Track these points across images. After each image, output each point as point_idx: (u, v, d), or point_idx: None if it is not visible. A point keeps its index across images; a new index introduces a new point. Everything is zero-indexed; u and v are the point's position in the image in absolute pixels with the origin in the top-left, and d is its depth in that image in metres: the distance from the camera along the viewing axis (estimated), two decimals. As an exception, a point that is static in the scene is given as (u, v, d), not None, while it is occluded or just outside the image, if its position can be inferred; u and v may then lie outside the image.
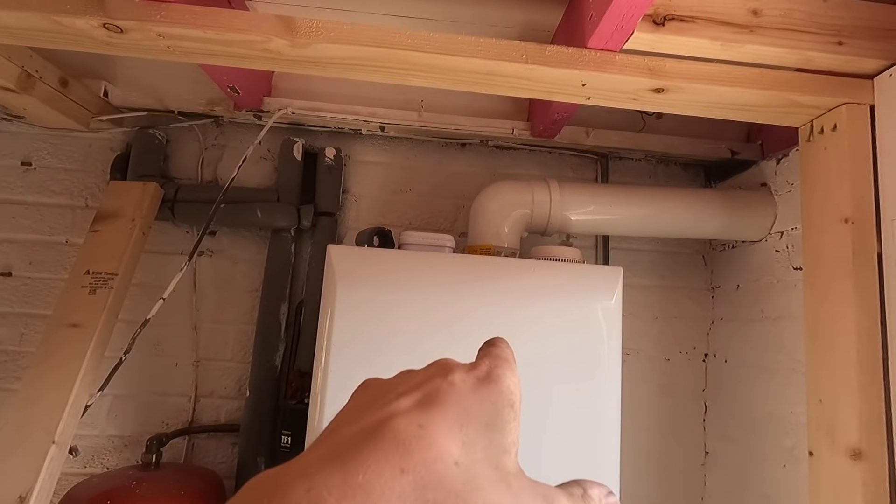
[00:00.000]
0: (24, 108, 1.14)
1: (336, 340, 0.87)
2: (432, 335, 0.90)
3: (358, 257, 0.92)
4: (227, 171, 1.37)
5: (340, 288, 0.88)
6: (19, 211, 1.32)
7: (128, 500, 0.96)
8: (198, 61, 0.96)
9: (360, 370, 0.87)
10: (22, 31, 0.88)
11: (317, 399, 0.88)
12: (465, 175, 1.41)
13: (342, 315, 0.88)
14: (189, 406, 1.28)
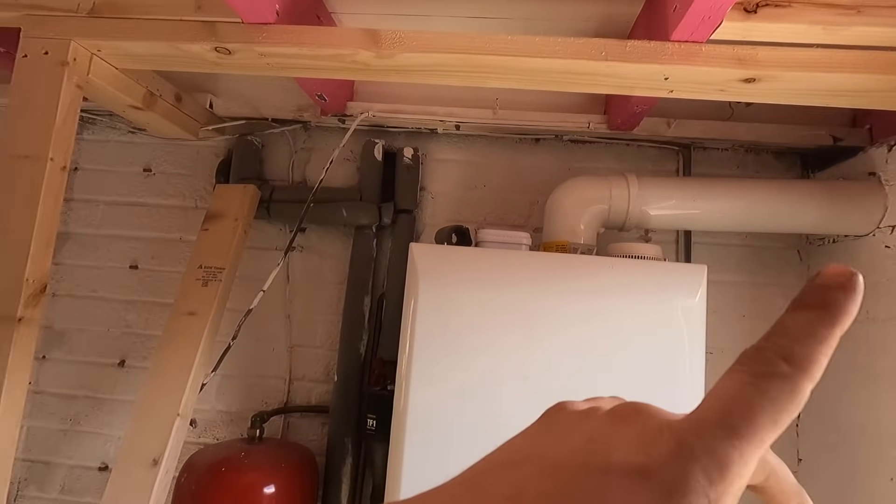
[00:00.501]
0: (147, 122, 1.31)
1: (419, 332, 0.93)
2: (509, 332, 0.93)
3: (438, 255, 0.97)
4: (315, 173, 1.48)
5: (423, 284, 0.94)
6: (142, 212, 1.51)
7: (239, 469, 1.09)
8: (292, 75, 1.05)
9: (442, 361, 0.93)
10: (149, 57, 1.01)
11: (402, 386, 0.95)
12: (538, 170, 1.42)
13: (424, 309, 0.94)
14: (284, 388, 1.41)
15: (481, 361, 0.92)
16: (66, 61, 0.95)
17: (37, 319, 0.94)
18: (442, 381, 0.92)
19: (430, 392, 0.92)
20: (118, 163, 1.53)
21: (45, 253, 0.94)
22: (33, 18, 0.97)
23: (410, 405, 0.92)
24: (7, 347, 0.90)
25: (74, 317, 1.48)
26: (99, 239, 1.50)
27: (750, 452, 0.14)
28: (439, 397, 0.92)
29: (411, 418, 0.91)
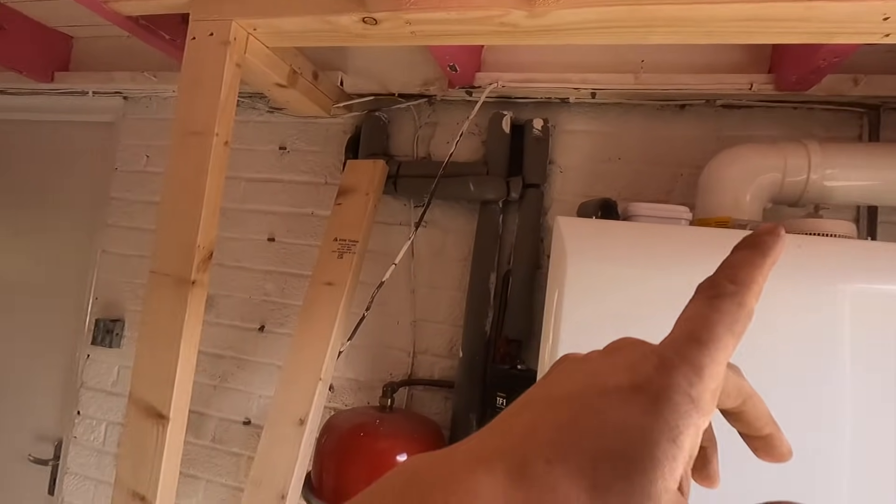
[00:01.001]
0: (287, 100, 1.37)
1: (565, 312, 0.88)
2: (668, 315, 0.84)
3: (588, 229, 0.90)
4: (439, 147, 1.46)
5: (570, 259, 0.88)
6: (278, 188, 1.60)
7: (374, 434, 1.12)
8: (434, 43, 1.02)
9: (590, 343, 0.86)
10: (299, 33, 1.04)
11: (544, 367, 0.90)
12: (683, 140, 1.28)
13: (572, 287, 0.88)
14: (408, 360, 1.43)
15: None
16: (228, 41, 1.01)
17: (205, 283, 1.02)
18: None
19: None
20: (257, 142, 1.63)
21: (212, 222, 1.02)
22: (200, 2, 1.03)
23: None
24: (183, 308, 0.98)
25: (222, 284, 1.61)
26: (241, 213, 1.62)
27: (717, 357, 0.18)
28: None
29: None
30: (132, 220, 1.75)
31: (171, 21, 1.26)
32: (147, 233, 1.71)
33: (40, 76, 1.73)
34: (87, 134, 1.91)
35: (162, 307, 1.00)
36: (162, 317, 1.00)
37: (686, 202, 1.12)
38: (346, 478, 1.11)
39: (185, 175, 1.01)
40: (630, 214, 0.93)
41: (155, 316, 1.00)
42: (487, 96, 1.34)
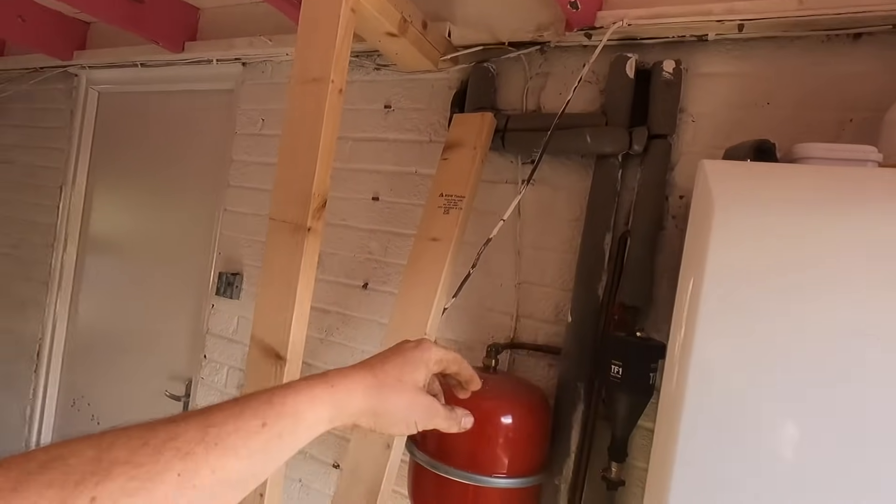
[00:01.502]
0: (397, 51, 1.34)
1: (711, 272, 0.76)
2: (851, 276, 0.70)
3: (744, 174, 0.77)
4: (550, 99, 1.36)
5: (719, 212, 0.76)
6: (382, 147, 1.60)
7: (481, 394, 1.08)
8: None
9: (744, 309, 0.75)
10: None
11: (679, 332, 0.80)
12: (856, 77, 1.06)
13: (719, 243, 0.76)
14: (511, 324, 1.38)
15: (805, 312, 0.71)
16: (344, -16, 0.99)
17: (319, 231, 1.04)
18: (743, 334, 0.75)
19: (723, 347, 0.76)
20: (363, 101, 1.64)
21: (326, 170, 1.03)
22: (317, -53, 1.02)
23: (693, 362, 0.76)
24: (300, 254, 1.00)
25: (329, 241, 1.66)
26: (347, 172, 1.65)
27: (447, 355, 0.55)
28: (738, 356, 0.75)
29: (694, 378, 0.76)
30: (250, 181, 1.85)
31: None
32: (262, 193, 1.81)
33: (173, 46, 1.87)
34: (210, 101, 2.05)
35: (280, 253, 1.03)
36: (279, 263, 1.03)
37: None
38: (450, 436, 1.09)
39: (302, 123, 1.02)
40: (797, 157, 0.78)
41: (273, 261, 1.04)
42: (609, 39, 1.21)
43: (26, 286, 2.50)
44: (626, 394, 1.06)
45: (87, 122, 2.40)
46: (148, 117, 2.27)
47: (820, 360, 0.71)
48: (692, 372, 0.77)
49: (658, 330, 1.19)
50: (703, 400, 0.76)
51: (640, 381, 1.04)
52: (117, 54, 2.11)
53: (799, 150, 0.78)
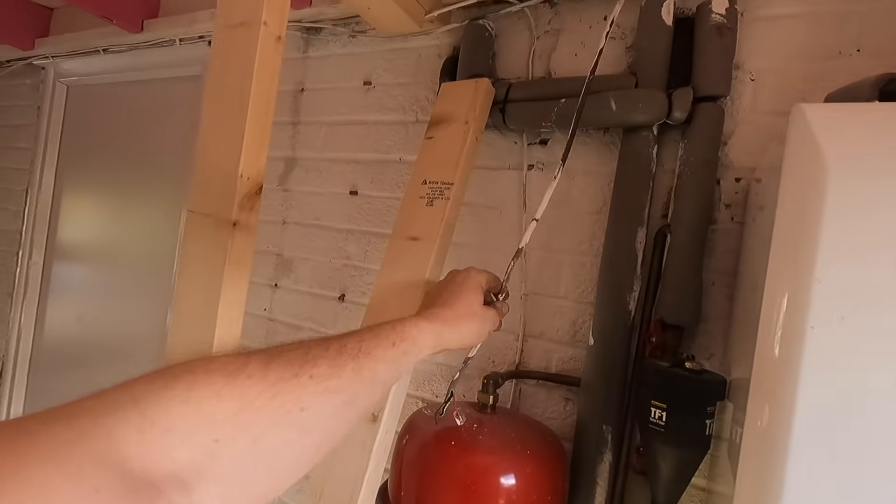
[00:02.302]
0: (369, 6, 1.08)
1: (822, 278, 0.47)
2: None
3: (871, 121, 0.48)
4: (563, 63, 1.09)
5: (836, 178, 0.47)
6: (362, 131, 1.34)
7: (471, 447, 0.81)
8: None
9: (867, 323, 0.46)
10: None
11: (762, 371, 0.51)
12: None
13: (836, 225, 0.47)
14: (516, 345, 1.09)
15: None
16: None
17: (252, 227, 0.77)
18: (877, 364, 0.46)
19: (843, 385, 0.47)
20: (339, 78, 1.38)
21: (260, 143, 0.76)
22: None
23: (798, 414, 0.47)
24: (223, 258, 0.74)
25: (301, 245, 1.41)
26: (321, 163, 1.39)
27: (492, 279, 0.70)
28: (864, 396, 0.46)
29: (799, 439, 0.47)
30: (215, 176, 1.61)
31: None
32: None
33: (131, 25, 1.65)
34: (177, 88, 1.82)
35: (200, 256, 0.77)
36: (199, 269, 0.77)
37: None
38: (431, 498, 0.82)
39: (225, 83, 0.76)
40: (956, 94, 0.49)
41: (192, 268, 0.78)
42: (637, -21, 0.93)
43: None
44: (673, 447, 0.77)
45: (55, 118, 2.20)
46: (116, 110, 2.06)
47: None
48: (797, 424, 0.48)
49: (710, 356, 0.90)
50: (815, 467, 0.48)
51: (693, 432, 0.75)
52: (79, 39, 1.90)
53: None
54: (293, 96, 1.45)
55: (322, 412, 0.37)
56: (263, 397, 0.33)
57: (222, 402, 0.31)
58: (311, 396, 0.36)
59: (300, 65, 1.45)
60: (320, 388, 0.37)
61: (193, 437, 0.30)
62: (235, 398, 0.32)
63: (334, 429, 0.40)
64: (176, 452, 0.29)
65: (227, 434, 0.31)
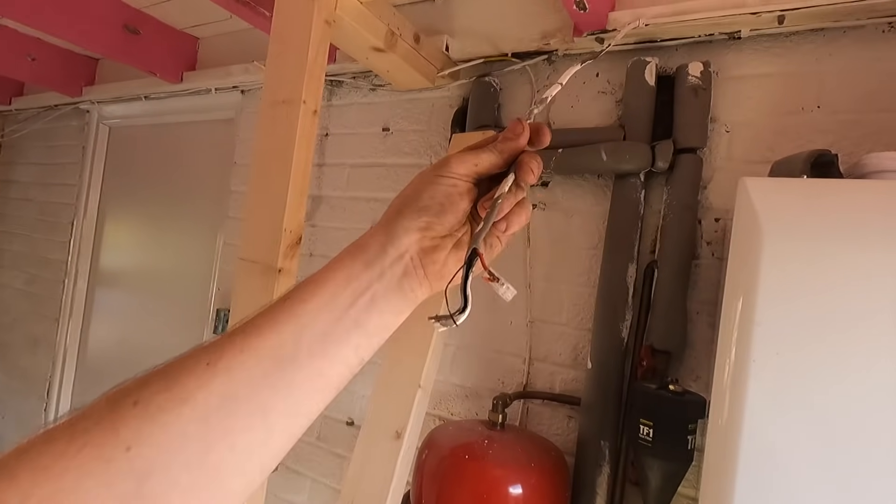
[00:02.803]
0: (388, 69, 1.23)
1: (760, 319, 0.59)
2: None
3: (797, 193, 0.60)
4: (561, 114, 1.22)
5: (770, 241, 0.59)
6: (381, 172, 1.48)
7: (482, 458, 0.92)
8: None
9: (807, 361, 0.57)
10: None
11: (724, 394, 0.62)
12: (929, 71, 0.88)
13: (771, 281, 0.59)
14: (523, 368, 1.21)
15: (881, 368, 0.54)
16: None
17: (293, 272, 0.91)
18: (807, 388, 0.57)
19: (779, 409, 0.58)
20: (360, 125, 1.53)
21: (300, 202, 0.90)
22: (288, -44, 0.92)
23: (745, 430, 0.59)
24: (270, 298, 0.88)
25: (326, 276, 1.54)
26: (345, 201, 1.54)
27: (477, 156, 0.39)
28: (797, 418, 0.57)
29: (746, 450, 0.59)
30: (247, 212, 1.76)
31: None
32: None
33: (171, 77, 1.82)
34: (211, 131, 2.00)
35: (250, 298, 0.91)
36: (250, 308, 0.90)
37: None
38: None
39: (272, 150, 0.91)
40: (868, 171, 0.61)
41: (243, 308, 0.92)
42: (622, 43, 1.06)
43: (39, 323, 2.48)
44: (659, 461, 0.87)
45: (98, 156, 2.40)
46: (154, 150, 2.24)
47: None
48: (744, 438, 0.59)
49: (696, 378, 1.01)
50: (759, 471, 0.59)
51: (676, 446, 0.85)
52: (123, 88, 2.09)
53: (871, 162, 0.61)
54: (319, 140, 1.60)
55: (160, 443, 0.27)
56: (67, 456, 0.25)
57: (15, 482, 0.24)
58: (134, 429, 0.26)
59: (325, 112, 1.60)
60: (149, 413, 0.27)
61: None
62: (29, 471, 0.24)
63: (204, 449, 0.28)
64: None
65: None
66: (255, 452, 0.30)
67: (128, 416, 0.27)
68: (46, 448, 0.25)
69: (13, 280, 2.67)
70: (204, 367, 0.29)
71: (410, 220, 0.36)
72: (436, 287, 0.39)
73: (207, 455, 0.28)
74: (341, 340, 0.34)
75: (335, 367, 0.34)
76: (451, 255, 0.38)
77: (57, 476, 0.25)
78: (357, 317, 0.35)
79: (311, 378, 0.33)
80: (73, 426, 0.26)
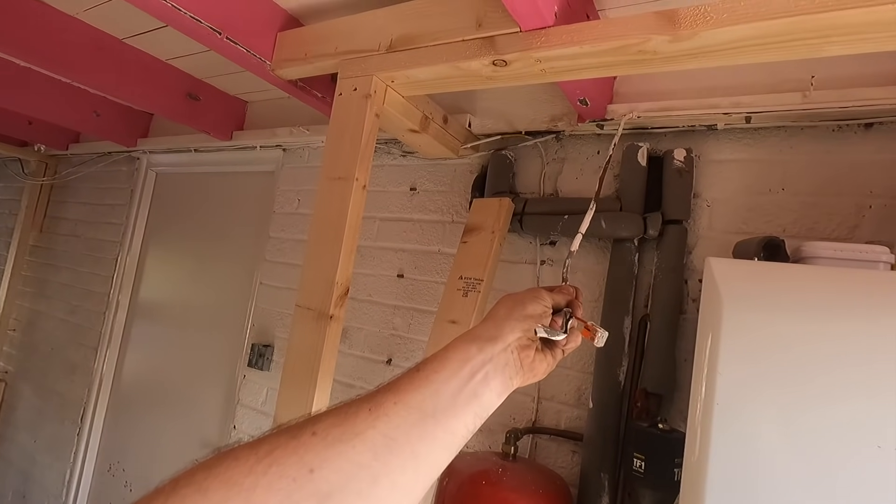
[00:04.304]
0: (420, 144, 1.44)
1: (722, 369, 0.75)
2: (860, 381, 0.68)
3: (749, 273, 0.78)
4: (567, 183, 1.41)
5: (728, 310, 0.76)
6: (408, 227, 1.68)
7: (497, 485, 1.07)
8: (565, 79, 1.00)
9: (756, 412, 0.73)
10: (432, 81, 1.09)
11: (696, 432, 0.78)
12: (871, 165, 1.07)
13: (729, 341, 0.75)
14: (532, 406, 1.36)
15: (815, 418, 0.69)
16: (369, 94, 1.10)
17: (341, 318, 1.09)
18: (756, 436, 0.73)
19: (738, 447, 0.73)
20: (390, 183, 1.74)
21: (349, 260, 1.09)
22: (347, 62, 1.15)
23: (711, 463, 0.74)
24: (322, 340, 1.05)
25: (355, 317, 1.72)
26: (374, 250, 1.73)
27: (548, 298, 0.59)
28: (753, 456, 0.73)
29: (712, 480, 0.74)
30: (285, 256, 1.96)
31: (322, 81, 1.42)
32: (296, 268, 1.91)
33: (223, 135, 2.06)
34: (253, 181, 2.22)
35: (304, 339, 1.08)
36: (303, 347, 1.08)
37: (877, 240, 0.92)
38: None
39: (328, 217, 1.10)
40: (804, 256, 0.78)
41: (298, 346, 1.09)
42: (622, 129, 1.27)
43: (78, 351, 2.66)
44: (650, 490, 1.02)
45: (145, 199, 2.63)
46: (196, 195, 2.47)
47: (833, 460, 0.68)
48: (711, 469, 0.74)
49: (685, 418, 1.15)
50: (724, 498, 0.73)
51: (664, 477, 0.99)
52: (175, 142, 2.34)
53: (807, 249, 0.78)
54: (352, 196, 1.81)
55: (339, 468, 0.32)
56: (256, 473, 0.29)
57: (207, 495, 0.27)
58: (316, 454, 0.31)
59: (358, 171, 1.81)
60: (328, 442, 0.32)
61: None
62: (221, 485, 0.28)
63: (372, 479, 0.33)
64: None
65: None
66: (408, 493, 0.35)
67: (308, 443, 0.31)
68: (235, 465, 0.29)
69: (56, 310, 2.87)
70: (367, 412, 0.36)
71: (517, 321, 0.50)
72: (528, 378, 0.50)
73: (375, 487, 0.33)
74: (465, 406, 0.42)
75: (459, 429, 0.41)
76: (537, 354, 0.52)
77: (247, 490, 0.28)
78: (475, 389, 0.43)
79: (444, 433, 0.39)
80: (256, 449, 0.30)
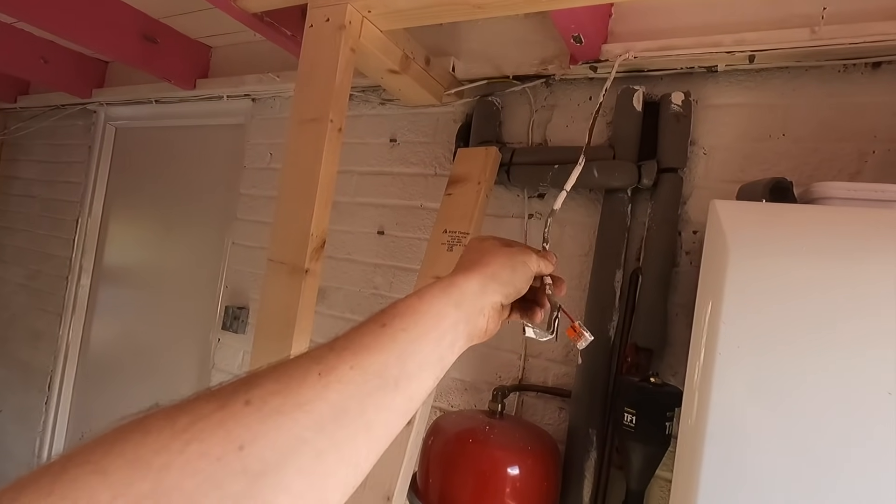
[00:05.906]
0: (400, 88, 1.33)
1: (726, 319, 0.71)
2: (877, 327, 0.64)
3: (758, 215, 0.72)
4: (556, 132, 1.34)
5: (734, 255, 0.71)
6: (388, 180, 1.59)
7: (484, 442, 1.03)
8: (560, 6, 0.90)
9: (762, 362, 0.69)
10: (413, 10, 0.98)
11: (694, 389, 0.74)
12: (876, 107, 1.01)
13: (734, 289, 0.71)
14: (519, 363, 1.32)
15: (824, 365, 0.66)
16: (343, 25, 0.99)
17: (317, 273, 1.01)
18: (765, 384, 0.69)
19: (743, 399, 0.70)
20: (369, 135, 1.63)
21: (325, 210, 1.01)
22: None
23: (711, 417, 0.70)
24: (297, 297, 0.98)
25: (333, 276, 1.64)
26: (353, 206, 1.64)
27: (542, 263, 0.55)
28: (759, 407, 0.69)
29: (712, 432, 0.70)
30: (257, 214, 1.85)
31: (292, 16, 1.29)
32: (270, 226, 1.80)
33: (186, 84, 1.90)
34: (221, 135, 2.08)
35: (277, 295, 1.00)
36: (277, 304, 1.00)
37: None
38: (453, 484, 1.04)
39: (300, 163, 1.01)
40: (816, 197, 0.73)
41: (270, 303, 1.01)
42: (615, 72, 1.18)
43: (41, 318, 2.53)
44: (641, 444, 0.99)
45: (104, 156, 2.46)
46: (162, 151, 2.31)
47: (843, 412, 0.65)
48: (710, 423, 0.71)
49: (675, 373, 1.13)
50: (723, 452, 0.70)
51: (655, 431, 0.97)
52: (133, 92, 2.16)
53: (818, 190, 0.73)
54: (328, 148, 1.70)
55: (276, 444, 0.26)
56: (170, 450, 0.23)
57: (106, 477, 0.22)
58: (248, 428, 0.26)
59: (334, 122, 1.70)
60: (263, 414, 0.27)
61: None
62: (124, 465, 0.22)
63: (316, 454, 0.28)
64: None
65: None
66: (358, 467, 0.31)
67: (239, 414, 0.26)
68: (144, 440, 0.23)
69: (14, 275, 2.71)
70: (316, 376, 0.30)
71: (501, 286, 0.47)
72: (482, 339, 0.46)
73: (319, 463, 0.28)
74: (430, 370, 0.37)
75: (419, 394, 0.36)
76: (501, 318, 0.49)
77: (157, 471, 0.22)
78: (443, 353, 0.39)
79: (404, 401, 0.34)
80: (174, 420, 0.25)
